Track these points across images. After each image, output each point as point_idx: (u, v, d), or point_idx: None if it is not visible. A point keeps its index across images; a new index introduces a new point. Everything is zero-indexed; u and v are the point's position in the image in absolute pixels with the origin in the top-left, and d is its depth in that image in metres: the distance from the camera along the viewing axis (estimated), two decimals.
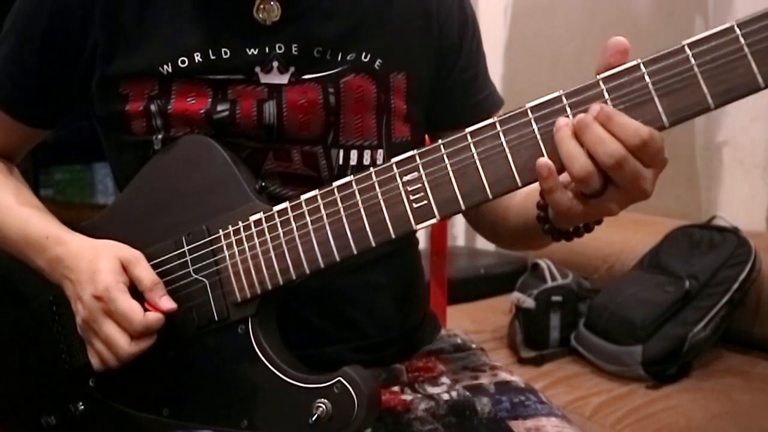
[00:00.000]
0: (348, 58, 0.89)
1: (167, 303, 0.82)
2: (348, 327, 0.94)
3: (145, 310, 0.81)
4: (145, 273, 0.82)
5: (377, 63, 0.90)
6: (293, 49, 0.88)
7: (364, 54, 0.90)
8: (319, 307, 0.91)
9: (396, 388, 0.95)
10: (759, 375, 1.81)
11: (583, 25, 2.53)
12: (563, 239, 0.79)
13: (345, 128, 0.90)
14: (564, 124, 0.68)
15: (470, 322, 2.23)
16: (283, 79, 0.88)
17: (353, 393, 0.76)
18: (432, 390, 0.94)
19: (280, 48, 0.87)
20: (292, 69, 0.88)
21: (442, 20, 0.95)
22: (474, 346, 1.05)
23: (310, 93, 0.88)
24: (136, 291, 0.82)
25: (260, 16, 0.87)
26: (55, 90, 0.92)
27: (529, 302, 2.00)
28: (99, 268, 0.81)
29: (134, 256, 0.83)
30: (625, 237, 2.20)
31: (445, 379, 0.96)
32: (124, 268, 0.82)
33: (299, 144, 0.89)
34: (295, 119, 0.88)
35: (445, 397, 0.92)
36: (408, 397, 0.93)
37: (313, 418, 0.77)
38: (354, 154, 0.91)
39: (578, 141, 0.67)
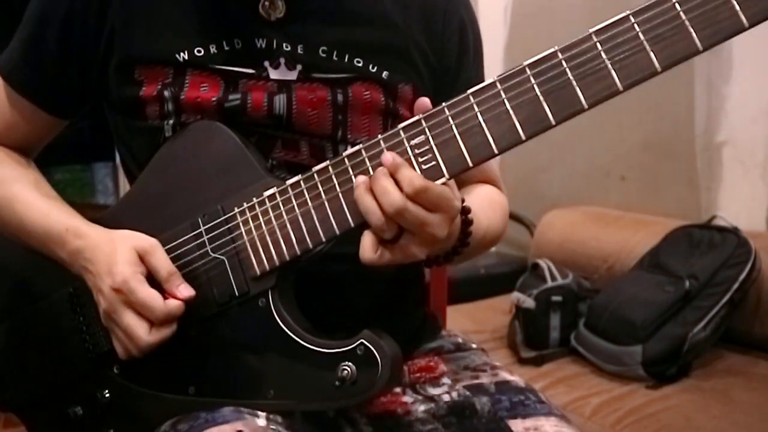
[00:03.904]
0: (355, 62, 0.91)
1: (185, 291, 0.83)
2: (349, 314, 0.94)
3: (165, 298, 0.82)
4: (161, 262, 0.83)
5: (384, 74, 0.92)
6: (299, 48, 0.89)
7: (371, 65, 0.91)
8: (320, 294, 0.91)
9: (397, 390, 0.95)
10: (759, 375, 1.81)
11: (583, 25, 2.50)
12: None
13: (353, 126, 0.92)
14: (361, 181, 0.75)
15: (470, 322, 2.23)
16: (292, 76, 0.90)
17: (376, 354, 0.78)
18: (433, 391, 0.94)
19: (286, 47, 0.89)
20: (299, 67, 0.90)
21: (445, 41, 0.97)
22: (474, 345, 1.05)
23: (319, 91, 0.90)
24: (154, 280, 0.83)
25: (265, 12, 0.89)
26: (75, 75, 0.93)
27: (529, 302, 2.00)
28: (116, 260, 0.82)
29: (150, 245, 0.84)
30: (625, 237, 2.20)
31: (446, 380, 0.96)
32: (141, 258, 0.83)
33: (308, 136, 0.91)
34: (304, 113, 0.89)
35: (446, 398, 0.93)
36: (409, 399, 0.94)
37: (338, 381, 0.78)
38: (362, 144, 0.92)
39: (372, 194, 0.74)
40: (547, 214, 2.49)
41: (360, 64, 0.91)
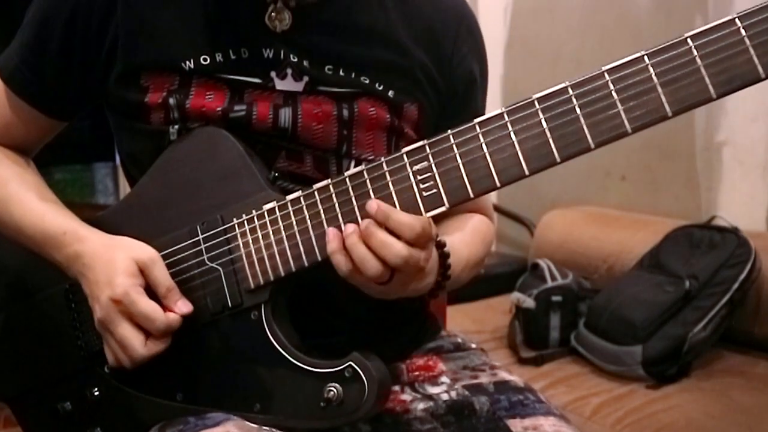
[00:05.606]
0: (361, 79, 0.90)
1: (184, 307, 0.83)
2: (346, 317, 0.94)
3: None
4: (161, 277, 0.83)
5: (390, 92, 0.92)
6: (305, 62, 0.89)
7: (377, 83, 0.91)
8: (320, 299, 0.91)
9: (396, 388, 0.95)
10: (759, 375, 1.81)
11: (583, 25, 2.53)
12: None
13: (357, 142, 0.91)
14: (351, 231, 0.75)
15: (470, 322, 2.23)
16: (298, 87, 0.89)
17: (364, 377, 0.78)
18: (432, 390, 0.94)
19: (294, 58, 0.89)
20: (306, 78, 0.89)
21: (454, 67, 0.96)
22: (474, 346, 1.06)
23: (325, 105, 0.89)
24: (151, 292, 0.83)
25: (271, 23, 0.88)
26: (75, 79, 0.93)
27: (529, 302, 2.00)
28: (116, 271, 0.82)
29: (150, 258, 0.84)
30: (625, 237, 2.20)
31: (444, 379, 0.96)
32: (141, 271, 0.83)
33: (312, 149, 0.90)
34: (309, 127, 0.89)
35: (445, 397, 0.93)
36: (407, 397, 0.94)
37: (323, 402, 0.79)
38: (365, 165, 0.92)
39: (366, 245, 0.74)
40: (547, 214, 2.49)
41: (367, 82, 0.90)
